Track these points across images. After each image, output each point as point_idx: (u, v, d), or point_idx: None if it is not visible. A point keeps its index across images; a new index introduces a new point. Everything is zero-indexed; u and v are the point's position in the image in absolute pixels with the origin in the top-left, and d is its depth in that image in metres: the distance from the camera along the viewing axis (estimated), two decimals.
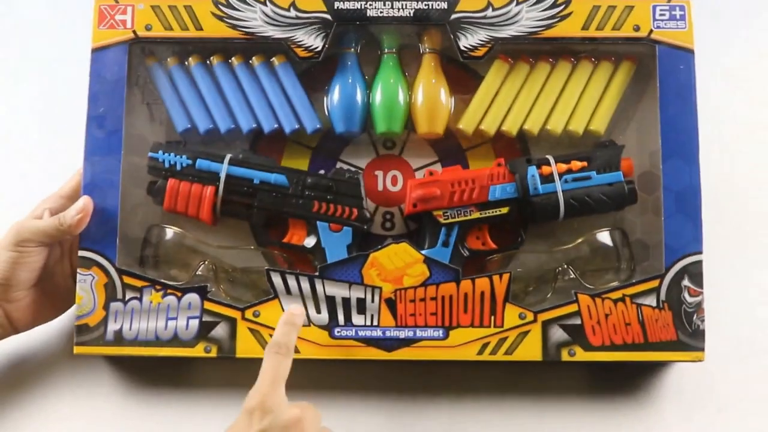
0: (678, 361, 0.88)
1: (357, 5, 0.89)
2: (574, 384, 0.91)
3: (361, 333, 0.86)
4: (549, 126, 0.91)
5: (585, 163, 0.88)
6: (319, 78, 0.93)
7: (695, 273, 0.86)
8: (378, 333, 0.86)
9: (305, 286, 0.86)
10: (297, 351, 0.83)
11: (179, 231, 0.90)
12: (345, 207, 0.89)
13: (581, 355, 0.85)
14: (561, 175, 0.88)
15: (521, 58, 0.92)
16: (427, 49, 0.92)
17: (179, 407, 0.91)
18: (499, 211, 0.89)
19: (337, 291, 0.87)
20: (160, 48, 0.92)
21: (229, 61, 0.92)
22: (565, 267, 0.89)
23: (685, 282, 0.86)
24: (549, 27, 0.89)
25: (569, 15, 0.89)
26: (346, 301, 0.86)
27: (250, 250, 0.92)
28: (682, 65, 0.89)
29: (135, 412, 0.90)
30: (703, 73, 0.89)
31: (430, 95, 0.91)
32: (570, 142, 0.92)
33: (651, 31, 0.89)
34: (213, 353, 0.86)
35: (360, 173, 0.91)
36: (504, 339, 0.86)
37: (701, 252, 0.86)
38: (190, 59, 0.92)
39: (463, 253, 0.89)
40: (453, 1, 0.89)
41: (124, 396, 0.91)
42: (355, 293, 0.86)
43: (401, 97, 0.91)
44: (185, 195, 0.88)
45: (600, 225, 0.90)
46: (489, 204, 0.89)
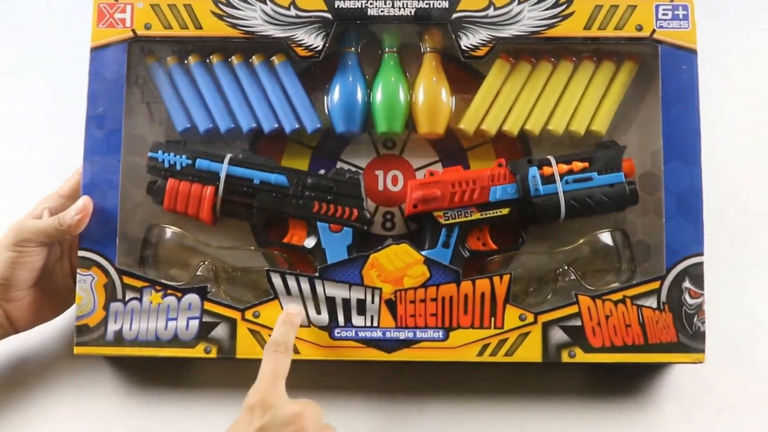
0: (678, 363, 0.88)
1: (357, 4, 0.89)
2: (574, 385, 0.91)
3: (361, 334, 0.86)
4: (550, 126, 0.91)
5: (586, 164, 0.88)
6: (320, 77, 0.92)
7: (696, 275, 0.86)
8: (378, 334, 0.86)
9: (305, 286, 0.86)
10: (297, 352, 0.84)
11: (179, 231, 0.90)
12: (345, 207, 0.89)
13: (581, 357, 0.85)
14: (562, 176, 0.88)
15: (523, 57, 0.92)
16: (428, 49, 0.92)
17: (179, 407, 0.91)
18: (500, 212, 0.89)
19: (337, 292, 0.86)
20: (159, 47, 0.91)
21: (229, 60, 0.92)
22: (566, 268, 0.89)
23: (686, 284, 0.86)
24: (551, 27, 0.89)
25: (571, 14, 0.89)
26: (346, 302, 0.86)
27: (250, 250, 0.92)
28: (684, 65, 0.88)
29: (135, 412, 0.91)
30: (706, 74, 0.88)
31: (431, 95, 0.90)
32: (571, 142, 0.92)
33: (654, 31, 0.88)
34: (213, 354, 0.86)
35: (360, 173, 0.91)
36: (504, 340, 0.86)
37: (702, 254, 0.86)
38: (189, 58, 0.91)
39: (464, 254, 0.89)
40: (454, 1, 0.89)
41: (124, 396, 0.91)
42: (355, 294, 0.86)
43: (402, 97, 0.91)
44: (185, 195, 0.88)
45: (601, 226, 0.90)
46: (490, 205, 0.89)
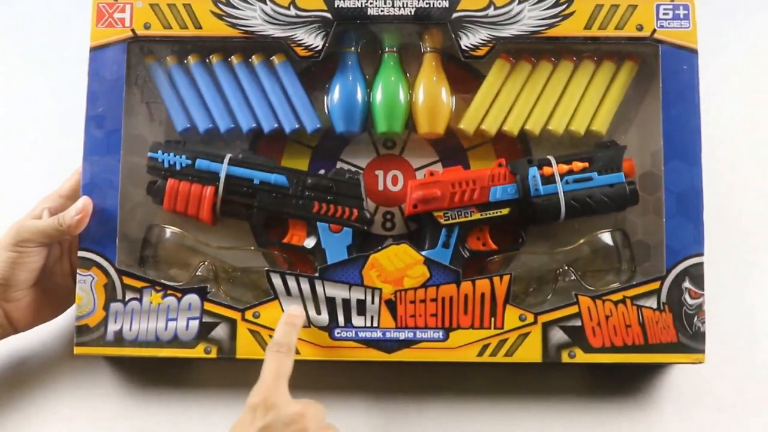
0: (678, 363, 0.88)
1: (357, 4, 0.89)
2: (574, 385, 0.91)
3: (361, 334, 0.86)
4: (550, 126, 0.91)
5: (586, 164, 0.88)
6: (320, 77, 0.92)
7: (696, 275, 0.86)
8: (378, 334, 0.86)
9: (305, 287, 0.86)
10: (297, 352, 0.84)
11: (179, 231, 0.90)
12: (345, 207, 0.89)
13: (581, 357, 0.85)
14: (562, 176, 0.88)
15: (523, 57, 0.91)
16: (428, 48, 0.92)
17: (179, 407, 0.91)
18: (500, 212, 0.89)
19: (337, 292, 0.86)
20: (159, 47, 0.91)
21: (229, 60, 0.92)
22: (566, 268, 0.89)
23: (686, 284, 0.86)
24: (551, 26, 0.88)
25: (572, 14, 0.88)
26: (346, 303, 0.86)
27: (250, 250, 0.92)
28: (685, 65, 0.88)
29: (135, 412, 0.91)
30: (706, 74, 0.88)
31: (431, 95, 0.90)
32: (571, 142, 0.91)
33: (654, 31, 0.88)
34: (213, 354, 0.86)
35: (360, 173, 0.90)
36: (504, 340, 0.86)
37: (702, 254, 0.86)
38: (189, 58, 0.91)
39: (464, 254, 0.89)
40: (454, 0, 0.88)
41: (124, 396, 0.91)
42: (355, 294, 0.86)
43: (402, 97, 0.90)
44: (185, 195, 0.88)
45: (601, 226, 0.90)
46: (490, 205, 0.88)
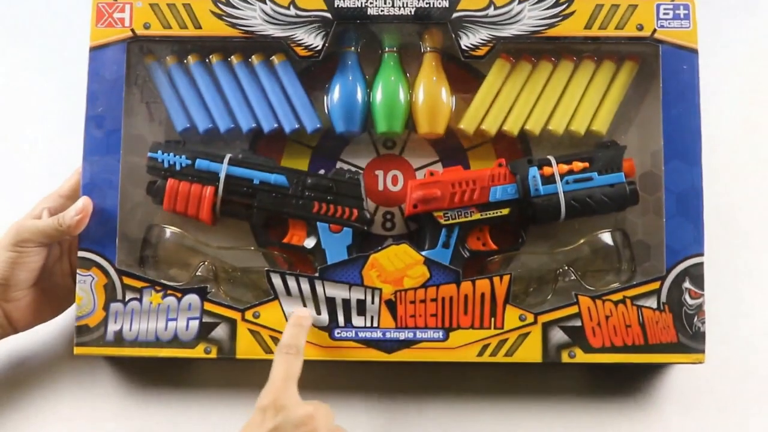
0: (678, 363, 0.88)
1: (357, 3, 0.88)
2: (574, 385, 0.91)
3: (361, 334, 0.86)
4: (550, 126, 0.91)
5: (586, 164, 0.88)
6: (319, 77, 0.92)
7: (696, 275, 0.86)
8: (378, 334, 0.86)
9: (305, 287, 0.86)
10: None
11: (179, 231, 0.90)
12: (345, 207, 0.89)
13: (581, 357, 0.85)
14: (562, 176, 0.88)
15: (523, 57, 0.91)
16: (428, 48, 0.92)
17: (179, 407, 0.91)
18: (500, 212, 0.88)
19: (337, 292, 0.86)
20: (158, 47, 0.91)
21: (229, 60, 0.92)
22: (566, 268, 0.89)
23: (686, 284, 0.86)
24: (551, 26, 0.88)
25: (572, 14, 0.88)
26: (346, 303, 0.86)
27: (250, 250, 0.92)
28: (685, 65, 0.88)
29: (135, 412, 0.91)
30: (707, 74, 0.88)
31: (431, 94, 0.90)
32: (571, 142, 0.91)
33: (654, 31, 0.88)
34: (213, 354, 0.86)
35: (360, 173, 0.90)
36: (504, 341, 0.86)
37: (702, 254, 0.86)
38: (189, 58, 0.91)
39: (464, 254, 0.89)
40: (454, 0, 0.88)
41: (124, 396, 0.91)
42: (355, 294, 0.86)
43: (402, 97, 0.90)
44: (185, 195, 0.88)
45: (601, 226, 0.90)
46: (490, 205, 0.88)
